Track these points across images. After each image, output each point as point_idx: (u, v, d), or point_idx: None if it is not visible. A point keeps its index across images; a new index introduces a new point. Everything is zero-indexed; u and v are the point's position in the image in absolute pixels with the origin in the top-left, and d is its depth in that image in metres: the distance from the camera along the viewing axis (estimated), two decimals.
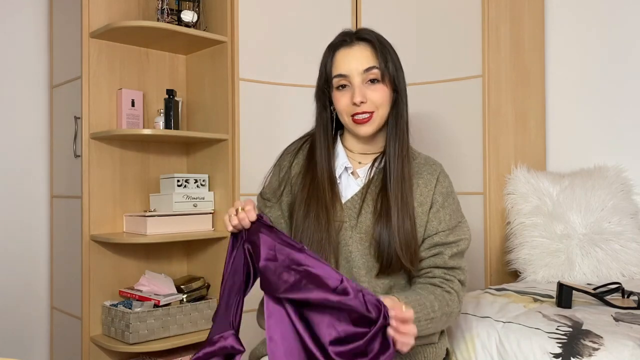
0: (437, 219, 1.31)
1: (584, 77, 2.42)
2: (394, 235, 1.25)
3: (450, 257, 1.29)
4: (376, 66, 1.28)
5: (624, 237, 2.01)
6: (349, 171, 1.37)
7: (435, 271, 1.29)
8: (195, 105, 2.37)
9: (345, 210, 1.32)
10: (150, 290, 2.13)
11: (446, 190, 1.34)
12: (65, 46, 2.21)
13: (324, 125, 1.37)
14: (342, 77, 1.30)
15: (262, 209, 1.46)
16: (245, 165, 2.19)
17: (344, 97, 1.30)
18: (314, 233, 1.28)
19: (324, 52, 1.35)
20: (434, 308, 1.21)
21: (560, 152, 2.46)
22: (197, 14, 2.22)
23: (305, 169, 1.37)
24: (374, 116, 1.30)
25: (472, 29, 2.18)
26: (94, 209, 2.12)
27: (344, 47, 1.31)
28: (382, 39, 1.33)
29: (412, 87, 2.29)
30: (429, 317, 1.20)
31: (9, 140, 2.26)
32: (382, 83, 1.29)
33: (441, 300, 1.24)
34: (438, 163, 1.39)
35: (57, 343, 2.27)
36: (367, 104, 1.28)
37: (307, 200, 1.32)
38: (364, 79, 1.29)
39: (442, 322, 1.25)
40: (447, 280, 1.28)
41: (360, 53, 1.30)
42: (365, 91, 1.28)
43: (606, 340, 1.29)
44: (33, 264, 2.29)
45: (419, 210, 1.31)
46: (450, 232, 1.31)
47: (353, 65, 1.29)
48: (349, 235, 1.30)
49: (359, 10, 2.41)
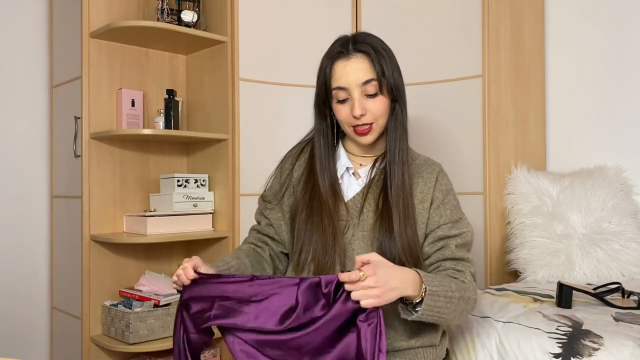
0: (438, 214, 1.31)
1: (584, 77, 2.42)
2: (396, 242, 1.25)
3: (456, 247, 1.29)
4: (374, 78, 1.27)
5: (624, 237, 2.01)
6: (351, 172, 1.38)
7: (445, 263, 1.29)
8: (195, 105, 2.37)
9: (349, 210, 1.33)
10: (150, 290, 2.13)
11: (445, 187, 1.35)
12: (65, 46, 2.21)
13: (324, 134, 1.37)
14: (342, 89, 1.29)
15: (263, 211, 1.46)
16: (245, 165, 2.19)
17: (345, 109, 1.31)
18: (318, 238, 1.29)
19: (322, 62, 1.33)
20: (452, 288, 1.19)
21: (560, 152, 2.46)
22: (197, 14, 2.22)
23: (307, 174, 1.38)
24: (373, 127, 1.30)
25: (472, 29, 2.18)
26: (94, 209, 2.12)
27: (342, 59, 1.30)
28: (379, 46, 1.30)
29: (412, 87, 2.30)
30: (447, 294, 1.17)
31: (9, 140, 2.26)
32: (380, 94, 1.29)
33: (458, 283, 1.22)
34: (437, 163, 1.40)
35: (57, 343, 2.27)
36: (367, 116, 1.29)
37: (310, 204, 1.33)
38: (363, 91, 1.28)
39: (460, 306, 1.21)
40: (458, 271, 1.27)
41: (358, 65, 1.28)
42: (364, 103, 1.28)
43: (606, 340, 1.29)
44: (33, 264, 2.29)
45: (420, 207, 1.32)
46: (453, 226, 1.31)
47: (352, 78, 1.28)
48: (351, 234, 1.31)
49: (359, 10, 2.41)
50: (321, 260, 1.29)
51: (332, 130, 1.38)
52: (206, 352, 2.19)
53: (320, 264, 1.29)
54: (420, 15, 2.30)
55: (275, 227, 1.43)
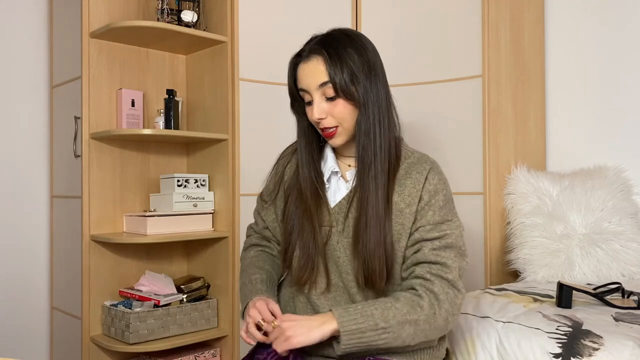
0: (420, 216, 1.25)
1: (584, 77, 2.42)
2: (369, 252, 1.23)
3: (431, 250, 1.22)
4: (328, 81, 1.22)
5: (624, 237, 2.01)
6: (338, 175, 1.35)
7: (417, 269, 1.23)
8: (195, 105, 2.37)
9: (333, 215, 1.30)
10: (150, 290, 2.13)
11: (434, 188, 1.27)
12: (65, 46, 2.21)
13: (304, 132, 1.35)
14: (304, 91, 1.28)
15: (260, 211, 1.46)
16: (245, 165, 2.19)
17: (309, 111, 1.28)
18: (302, 244, 1.29)
19: (289, 62, 1.32)
20: (387, 317, 1.15)
21: (560, 152, 2.46)
22: (197, 14, 2.22)
23: (295, 175, 1.37)
24: (338, 130, 1.27)
25: (472, 29, 2.18)
26: (94, 209, 2.12)
27: (302, 61, 1.27)
28: (340, 46, 1.24)
29: (412, 87, 2.30)
30: (377, 327, 1.15)
31: (9, 140, 2.26)
32: (340, 98, 1.24)
33: (401, 307, 1.17)
34: (430, 161, 1.32)
35: (57, 343, 2.27)
36: (328, 120, 1.26)
37: (296, 203, 1.32)
38: (323, 94, 1.25)
39: (407, 331, 1.17)
40: (425, 280, 1.20)
41: (314, 67, 1.24)
42: (324, 106, 1.25)
43: (606, 340, 1.29)
44: (33, 264, 2.29)
45: (407, 211, 1.26)
46: (433, 228, 1.24)
47: (309, 81, 1.25)
48: (336, 240, 1.29)
49: (359, 10, 2.41)
50: (303, 266, 1.28)
51: (314, 130, 1.35)
52: (206, 352, 2.19)
53: (301, 270, 1.29)
54: (420, 15, 2.31)
55: (271, 229, 1.43)
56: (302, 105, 1.33)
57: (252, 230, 1.50)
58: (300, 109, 1.34)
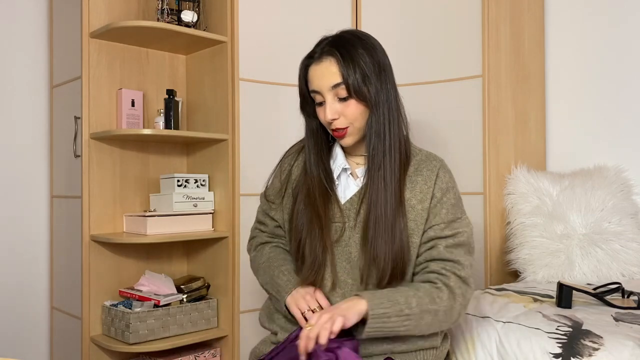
0: (434, 214, 1.29)
1: (584, 77, 2.42)
2: (380, 248, 1.24)
3: (446, 247, 1.26)
4: (341, 82, 1.24)
5: (624, 237, 2.01)
6: (348, 172, 1.37)
7: (432, 265, 1.26)
8: (195, 105, 2.37)
9: (344, 211, 1.32)
10: (150, 290, 2.13)
11: (445, 185, 1.31)
12: (65, 46, 2.21)
13: (313, 132, 1.36)
14: (316, 92, 1.29)
15: (268, 211, 1.46)
16: (245, 165, 2.19)
17: (321, 112, 1.30)
18: (310, 239, 1.29)
19: (300, 64, 1.32)
20: (411, 305, 1.19)
21: (560, 152, 2.46)
22: (197, 14, 2.22)
23: (303, 175, 1.37)
24: (349, 130, 1.29)
25: (472, 29, 2.18)
26: (94, 209, 2.12)
27: (314, 63, 1.28)
28: (352, 47, 1.25)
29: (412, 87, 2.30)
30: (402, 313, 1.17)
31: (9, 140, 2.26)
32: (352, 98, 1.25)
33: (423, 297, 1.21)
34: (439, 158, 1.36)
35: (57, 343, 2.27)
36: (340, 120, 1.27)
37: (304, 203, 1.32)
38: (336, 94, 1.26)
39: (426, 320, 1.21)
40: (441, 275, 1.24)
41: (326, 69, 1.26)
42: (337, 107, 1.26)
43: (606, 340, 1.29)
44: (33, 264, 2.29)
45: (419, 207, 1.29)
46: (447, 226, 1.28)
47: (322, 82, 1.26)
48: (349, 236, 1.30)
49: (359, 10, 2.41)
50: (310, 265, 1.29)
51: (323, 130, 1.37)
52: (206, 352, 2.19)
53: (309, 270, 1.29)
54: (421, 15, 2.30)
55: (283, 228, 1.43)
56: (312, 107, 1.34)
57: (259, 230, 1.50)
58: (310, 110, 1.35)
